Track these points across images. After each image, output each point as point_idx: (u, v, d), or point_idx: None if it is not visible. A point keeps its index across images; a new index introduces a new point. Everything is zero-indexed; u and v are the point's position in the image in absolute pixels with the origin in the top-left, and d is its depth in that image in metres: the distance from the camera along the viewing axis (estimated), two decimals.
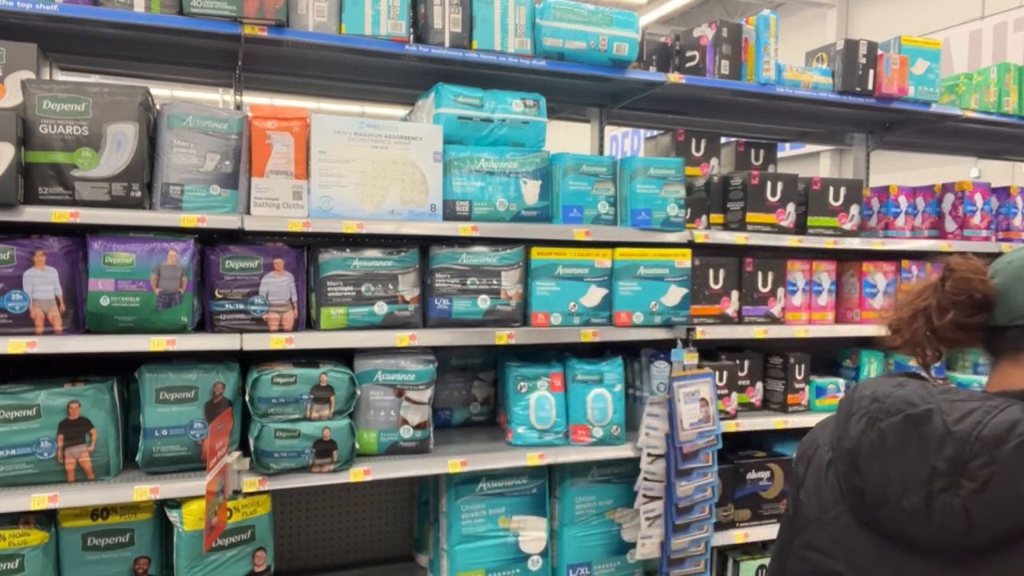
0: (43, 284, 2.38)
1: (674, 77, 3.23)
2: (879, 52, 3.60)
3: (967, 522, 1.06)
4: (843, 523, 1.22)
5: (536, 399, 2.97)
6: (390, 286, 2.77)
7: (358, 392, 2.69)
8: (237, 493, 2.53)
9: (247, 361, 2.70)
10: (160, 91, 12.13)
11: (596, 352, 3.26)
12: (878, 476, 1.16)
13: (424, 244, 2.90)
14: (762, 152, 3.84)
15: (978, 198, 3.79)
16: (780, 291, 3.40)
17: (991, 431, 1.07)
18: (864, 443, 1.19)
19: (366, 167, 2.72)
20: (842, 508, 1.23)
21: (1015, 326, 1.22)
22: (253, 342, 2.56)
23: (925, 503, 1.10)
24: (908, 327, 1.30)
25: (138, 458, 2.50)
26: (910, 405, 1.15)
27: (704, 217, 3.32)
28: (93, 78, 3.19)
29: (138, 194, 2.43)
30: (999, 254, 4.02)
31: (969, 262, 1.29)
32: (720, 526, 3.18)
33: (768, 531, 3.30)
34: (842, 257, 3.69)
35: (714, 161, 3.64)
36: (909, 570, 1.13)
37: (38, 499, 2.30)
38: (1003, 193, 3.94)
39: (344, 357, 2.78)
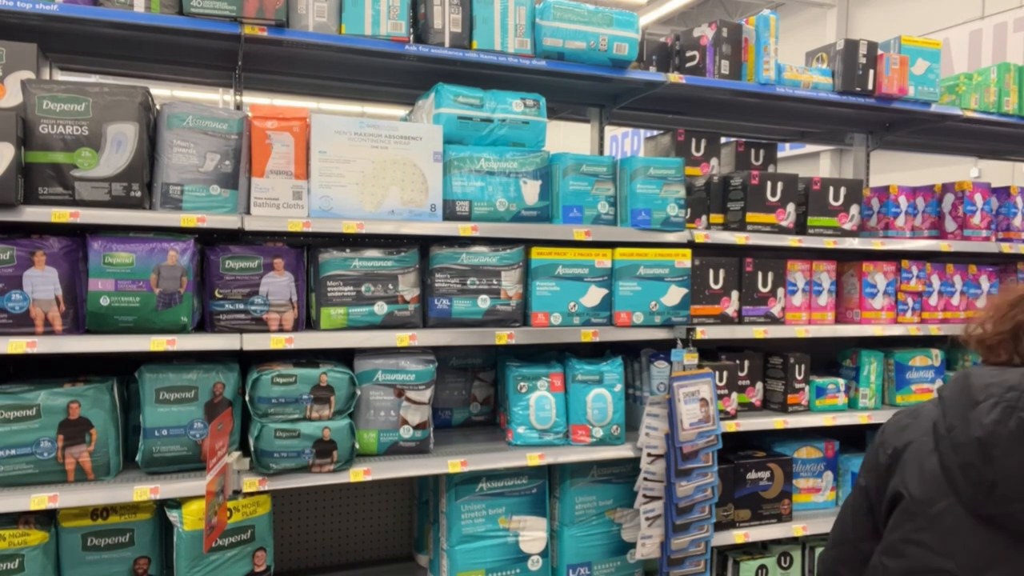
0: (43, 284, 2.38)
1: (674, 77, 3.23)
2: (879, 52, 3.60)
3: None
4: (953, 519, 1.17)
5: (536, 399, 2.97)
6: (390, 286, 2.77)
7: (358, 392, 2.69)
8: (237, 493, 2.53)
9: (247, 361, 2.70)
10: (160, 91, 12.12)
11: (596, 352, 3.26)
12: (1017, 468, 1.11)
13: (424, 244, 2.90)
14: (762, 152, 3.84)
15: (978, 198, 3.79)
16: (780, 291, 3.40)
17: None
18: (1001, 433, 1.13)
19: (366, 167, 2.72)
20: (951, 502, 1.18)
21: None
22: (253, 342, 2.56)
23: None
24: (1013, 342, 1.25)
25: (138, 458, 2.50)
26: None
27: (704, 217, 3.32)
28: (93, 78, 3.19)
29: (138, 194, 2.43)
30: (999, 254, 4.04)
31: None
32: (720, 526, 3.18)
33: (768, 531, 3.30)
34: (842, 257, 3.69)
35: (714, 161, 3.64)
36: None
37: (38, 499, 2.30)
38: (1003, 193, 3.94)
39: (344, 357, 2.78)
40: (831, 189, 3.49)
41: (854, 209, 3.53)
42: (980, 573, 1.14)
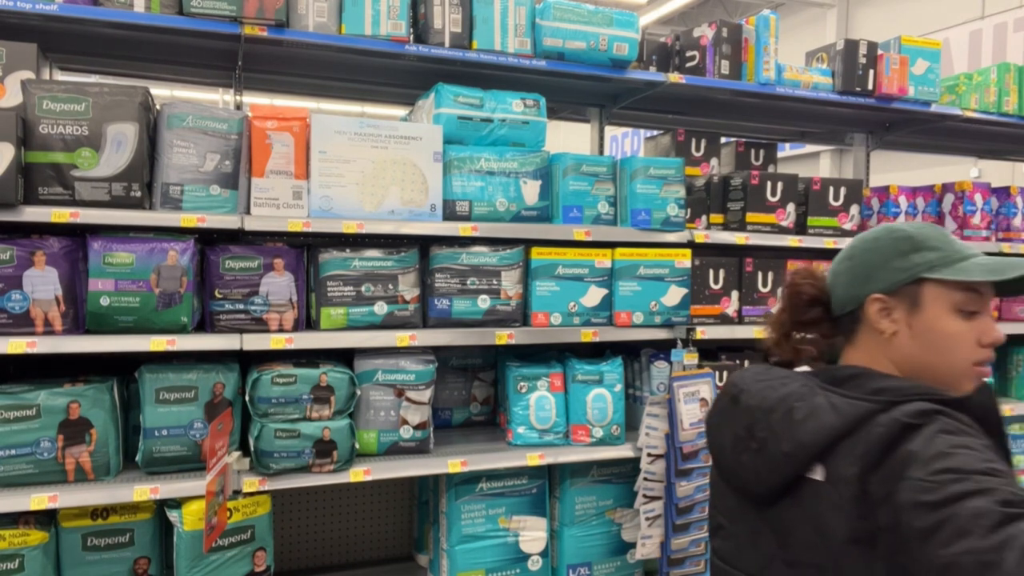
0: (43, 284, 2.38)
1: (674, 77, 3.23)
2: (879, 52, 3.60)
3: (756, 476, 1.31)
4: (719, 484, 1.46)
5: (536, 399, 2.97)
6: (390, 286, 2.77)
7: (358, 392, 2.69)
8: (237, 493, 2.53)
9: (247, 361, 2.70)
10: (160, 91, 12.12)
11: (596, 352, 3.26)
12: (717, 441, 1.43)
13: (424, 244, 2.90)
14: (762, 152, 3.84)
15: (978, 198, 3.79)
16: (780, 291, 3.40)
17: (769, 402, 1.31)
18: (713, 416, 1.47)
19: (366, 167, 2.72)
20: (715, 471, 1.48)
21: (843, 315, 1.41)
22: (253, 342, 2.56)
23: (734, 462, 1.36)
24: (784, 339, 1.48)
25: (138, 458, 2.50)
26: (734, 387, 1.41)
27: (704, 217, 3.32)
28: (93, 78, 3.19)
29: (138, 194, 2.43)
30: (999, 254, 4.04)
31: (804, 269, 1.49)
32: None
33: None
34: None
35: (714, 161, 3.64)
36: (750, 515, 1.37)
37: (38, 499, 2.30)
38: (1003, 193, 3.94)
39: (344, 357, 2.78)
40: (831, 189, 3.49)
41: (854, 209, 3.53)
42: (735, 524, 1.40)
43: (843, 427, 1.19)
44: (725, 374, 3.25)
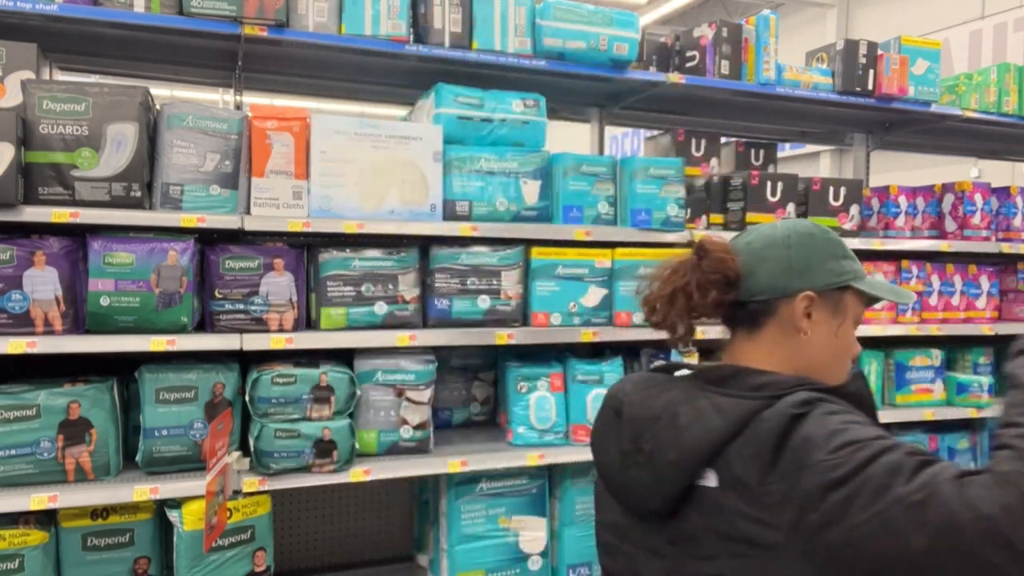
0: (43, 284, 2.38)
1: (674, 77, 3.23)
2: (879, 52, 3.60)
3: (647, 490, 1.23)
4: (605, 500, 1.39)
5: (536, 399, 2.97)
6: (390, 286, 2.77)
7: (358, 392, 2.69)
8: (237, 493, 2.53)
9: (247, 361, 2.70)
10: (160, 91, 12.11)
11: (596, 352, 3.26)
12: (602, 458, 1.37)
13: (424, 244, 2.90)
14: (762, 152, 3.84)
15: (978, 198, 3.79)
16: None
17: (653, 411, 1.25)
18: (596, 431, 1.41)
19: (366, 167, 2.72)
20: (602, 487, 1.41)
21: (754, 301, 1.32)
22: (253, 342, 2.56)
23: (623, 477, 1.28)
24: (668, 305, 1.38)
25: (138, 458, 2.50)
26: (614, 399, 1.36)
27: (704, 217, 3.32)
28: (93, 78, 3.19)
29: (138, 194, 2.43)
30: (999, 254, 4.03)
31: (717, 242, 1.36)
32: None
33: None
34: None
35: (714, 161, 3.64)
36: (640, 532, 1.29)
37: (38, 499, 2.30)
38: (1003, 193, 3.94)
39: (344, 357, 2.78)
40: (831, 189, 3.49)
41: (854, 209, 3.53)
42: (625, 542, 1.33)
43: (729, 428, 1.14)
44: None
